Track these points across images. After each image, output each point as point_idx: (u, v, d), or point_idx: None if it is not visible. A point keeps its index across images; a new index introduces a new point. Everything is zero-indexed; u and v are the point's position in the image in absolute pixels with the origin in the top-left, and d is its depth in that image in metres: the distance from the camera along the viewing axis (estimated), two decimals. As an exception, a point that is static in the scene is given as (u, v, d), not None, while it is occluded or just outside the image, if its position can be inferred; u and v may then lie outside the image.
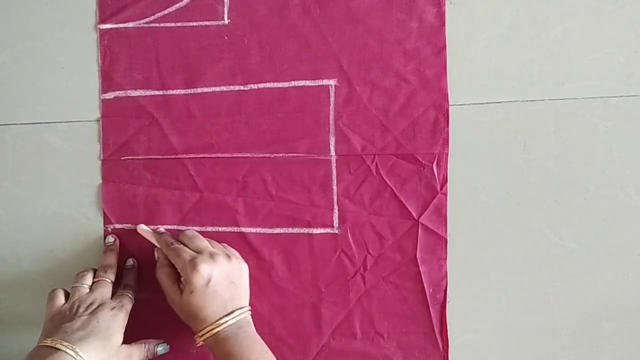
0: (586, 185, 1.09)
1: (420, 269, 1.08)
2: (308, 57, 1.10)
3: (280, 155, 1.10)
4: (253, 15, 1.10)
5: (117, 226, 1.11)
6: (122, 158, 1.11)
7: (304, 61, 1.10)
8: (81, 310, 0.96)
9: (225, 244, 1.08)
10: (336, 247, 1.09)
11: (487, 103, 1.09)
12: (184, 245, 1.03)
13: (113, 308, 0.98)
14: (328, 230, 1.09)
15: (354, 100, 1.09)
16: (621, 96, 1.08)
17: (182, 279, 0.99)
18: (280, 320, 1.10)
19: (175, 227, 1.11)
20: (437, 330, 1.09)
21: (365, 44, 1.09)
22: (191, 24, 1.10)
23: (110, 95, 1.11)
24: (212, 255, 0.99)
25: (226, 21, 1.10)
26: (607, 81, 1.08)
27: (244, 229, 1.10)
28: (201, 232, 1.10)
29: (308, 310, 1.10)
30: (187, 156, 1.10)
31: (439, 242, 1.09)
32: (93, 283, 1.04)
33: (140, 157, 1.11)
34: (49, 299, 1.01)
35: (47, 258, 1.13)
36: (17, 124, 1.12)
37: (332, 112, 1.09)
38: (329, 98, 1.09)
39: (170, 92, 1.10)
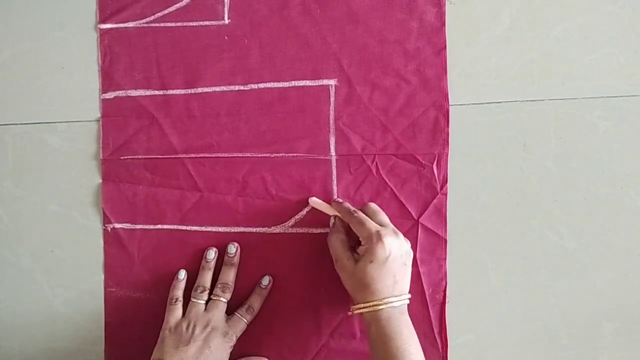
0: (586, 185, 1.09)
1: (420, 269, 1.08)
2: (308, 57, 1.10)
3: (281, 155, 1.10)
4: (253, 15, 1.10)
5: (117, 226, 1.11)
6: (121, 158, 1.11)
7: (304, 61, 1.10)
8: (197, 331, 1.02)
9: None
10: (336, 247, 1.09)
11: (487, 103, 1.09)
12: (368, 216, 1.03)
13: (225, 334, 1.03)
14: (327, 230, 1.08)
15: (354, 100, 1.09)
16: (621, 96, 1.08)
17: (360, 247, 0.99)
18: (280, 320, 1.10)
19: (175, 226, 1.11)
20: (436, 331, 1.09)
21: (365, 44, 1.09)
22: (191, 23, 1.11)
23: (110, 95, 1.11)
24: (395, 232, 0.99)
25: (226, 21, 1.10)
26: (607, 81, 1.08)
27: (243, 229, 1.10)
28: (201, 232, 1.10)
29: (307, 310, 1.10)
30: (187, 156, 1.10)
31: (439, 243, 1.09)
32: (209, 299, 1.07)
33: (140, 157, 1.11)
34: (169, 310, 1.07)
35: (47, 258, 1.13)
36: (17, 124, 1.12)
37: (332, 112, 1.09)
38: (329, 98, 1.09)
39: (171, 92, 1.10)
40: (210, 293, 1.07)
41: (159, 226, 1.11)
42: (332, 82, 1.09)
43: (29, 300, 1.13)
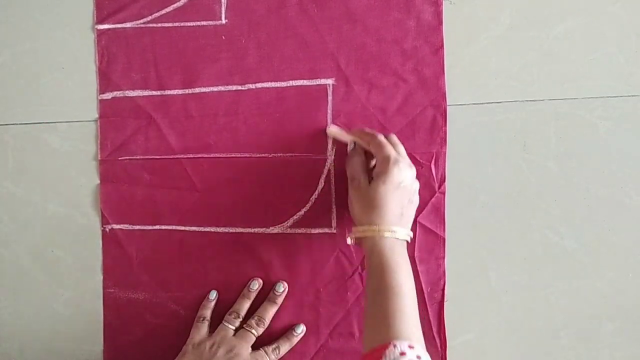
0: (586, 185, 1.08)
1: (418, 268, 1.08)
2: (306, 56, 1.10)
3: (279, 154, 1.10)
4: (251, 15, 1.10)
5: (115, 226, 1.11)
6: (119, 158, 1.11)
7: (301, 61, 1.10)
8: (220, 353, 1.03)
9: None
10: (334, 246, 1.09)
11: (487, 103, 1.09)
12: None
13: None
14: (326, 229, 1.09)
15: (352, 100, 1.09)
16: (621, 96, 1.08)
17: (375, 170, 0.99)
18: (279, 320, 1.09)
19: (173, 227, 1.11)
20: (435, 330, 1.09)
21: (362, 43, 1.09)
22: (189, 24, 1.11)
23: (108, 95, 1.11)
24: (410, 165, 0.99)
25: (224, 21, 1.10)
26: (607, 81, 1.08)
27: (242, 229, 1.10)
28: (199, 232, 1.10)
29: (306, 310, 1.10)
30: (185, 156, 1.10)
31: (437, 242, 1.09)
32: (241, 327, 1.07)
33: (138, 157, 1.11)
34: (195, 327, 1.08)
35: (47, 258, 1.14)
36: (17, 124, 1.13)
37: (330, 112, 1.09)
38: (327, 97, 1.09)
39: (168, 92, 1.11)
40: (244, 322, 1.08)
41: (157, 227, 1.11)
42: (329, 81, 1.09)
43: (28, 300, 1.14)
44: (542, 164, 1.09)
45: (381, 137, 1.01)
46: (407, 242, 0.98)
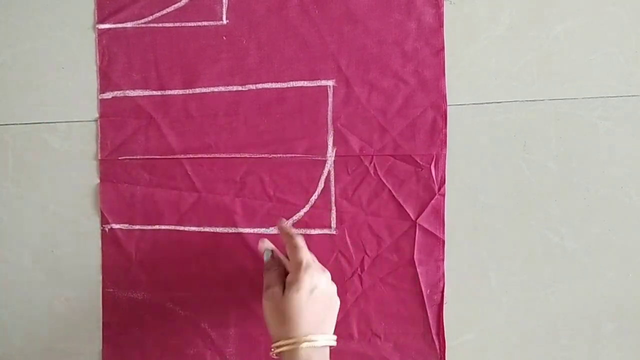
0: (586, 185, 1.08)
1: (418, 270, 1.08)
2: (306, 57, 1.10)
3: (278, 155, 1.10)
4: (252, 15, 1.10)
5: (115, 226, 1.11)
6: (119, 158, 1.11)
7: (302, 61, 1.10)
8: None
9: None
10: (333, 248, 1.09)
11: (487, 103, 1.09)
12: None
13: None
14: (325, 231, 1.09)
15: (352, 101, 1.09)
16: (621, 96, 1.08)
17: (287, 278, 0.93)
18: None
19: (172, 227, 1.11)
20: (434, 332, 1.09)
21: (363, 44, 1.09)
22: (190, 24, 1.11)
23: (108, 95, 1.11)
24: (323, 269, 0.95)
25: (225, 21, 1.10)
26: (607, 81, 1.08)
27: (241, 230, 1.10)
28: (199, 233, 1.10)
29: (306, 310, 1.09)
30: (185, 156, 1.10)
31: (437, 244, 1.08)
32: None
33: (138, 157, 1.11)
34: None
35: (47, 258, 1.13)
36: (17, 124, 1.13)
37: (330, 113, 1.09)
38: (327, 98, 1.09)
39: (169, 92, 1.11)
40: None
41: (157, 227, 1.11)
42: (330, 82, 1.09)
43: (28, 300, 1.14)
44: (542, 164, 1.09)
45: (299, 240, 0.96)
46: (331, 346, 0.92)
